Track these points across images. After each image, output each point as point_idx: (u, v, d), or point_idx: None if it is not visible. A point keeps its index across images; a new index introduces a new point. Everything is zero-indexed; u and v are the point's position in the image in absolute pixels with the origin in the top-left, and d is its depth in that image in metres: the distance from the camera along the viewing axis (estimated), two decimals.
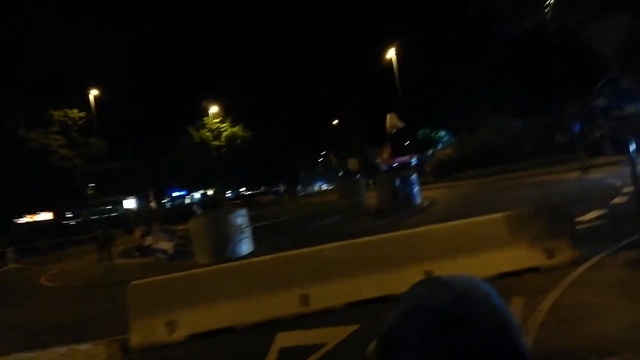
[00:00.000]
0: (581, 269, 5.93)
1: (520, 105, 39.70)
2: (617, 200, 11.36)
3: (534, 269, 6.18)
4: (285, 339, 5.44)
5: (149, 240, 15.36)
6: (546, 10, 9.03)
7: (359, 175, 32.46)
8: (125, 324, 6.09)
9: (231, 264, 7.58)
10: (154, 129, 49.53)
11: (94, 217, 40.03)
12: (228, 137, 48.76)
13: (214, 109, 48.12)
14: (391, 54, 32.81)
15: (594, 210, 10.15)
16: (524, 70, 38.32)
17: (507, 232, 6.51)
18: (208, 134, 48.25)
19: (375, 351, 0.69)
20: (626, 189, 12.27)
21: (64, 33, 46.63)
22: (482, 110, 42.29)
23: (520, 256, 6.30)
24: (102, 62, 49.92)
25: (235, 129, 49.12)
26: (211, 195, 58.86)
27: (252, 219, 14.50)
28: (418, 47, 44.27)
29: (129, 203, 52.26)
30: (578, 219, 8.37)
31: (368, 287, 6.16)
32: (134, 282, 6.42)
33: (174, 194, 61.55)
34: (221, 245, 12.12)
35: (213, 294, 6.23)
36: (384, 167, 38.80)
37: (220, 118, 48.81)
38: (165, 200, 60.01)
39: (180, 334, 5.97)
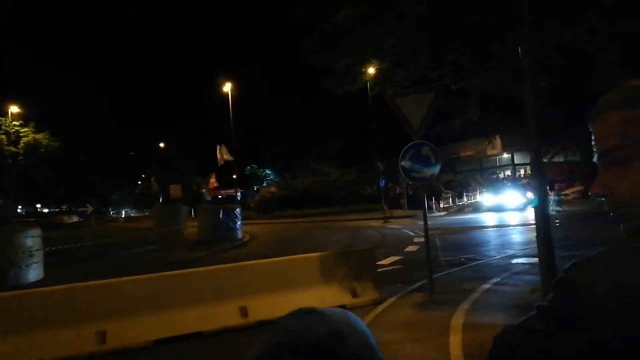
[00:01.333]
0: (380, 308, 6.58)
1: (339, 156, 43.80)
2: (410, 248, 13.10)
3: (341, 307, 6.61)
4: None
5: None
6: (369, 77, 10.26)
7: (179, 203, 31.11)
8: None
9: (11, 292, 6.37)
10: None
11: None
12: (29, 144, 42.13)
13: (14, 109, 41.33)
14: (227, 87, 33.05)
15: (392, 256, 11.51)
16: (346, 126, 42.60)
17: (319, 271, 6.90)
18: (2, 136, 40.99)
19: None
20: (417, 239, 14.30)
21: None
22: (307, 156, 45.31)
23: (329, 295, 6.72)
24: None
25: (39, 135, 42.80)
26: None
27: (47, 241, 12.58)
28: (255, 88, 45.75)
29: None
30: (379, 263, 9.35)
31: (178, 323, 5.79)
32: None
33: None
34: (2, 269, 10.15)
35: None
36: (208, 198, 38.08)
37: (21, 121, 42.07)
38: None
39: None
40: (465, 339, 5.04)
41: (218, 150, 32.04)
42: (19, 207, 52.67)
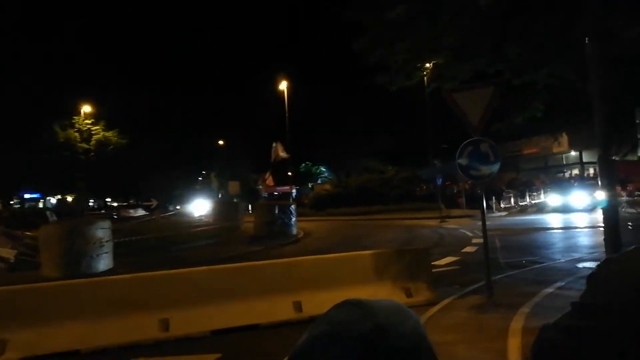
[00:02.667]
0: (434, 309, 6.46)
1: (393, 153, 43.30)
2: (467, 249, 12.73)
3: None
4: None
5: None
6: (424, 72, 10.03)
7: (238, 199, 32.07)
8: None
9: (84, 280, 6.86)
10: (5, 118, 43.33)
11: None
12: (99, 141, 44.92)
13: (86, 109, 44.16)
14: (283, 86, 33.56)
15: (449, 257, 11.24)
16: (400, 122, 42.03)
17: (373, 269, 6.88)
18: (76, 134, 43.97)
19: None
20: (475, 240, 13.87)
21: None
22: (360, 154, 45.16)
23: (382, 293, 6.67)
24: None
25: (108, 133, 45.51)
26: (70, 202, 53.24)
27: (115, 233, 13.37)
28: (311, 84, 46.19)
29: None
30: (435, 263, 9.17)
31: (234, 314, 5.99)
32: None
33: (26, 196, 54.43)
34: (75, 258, 10.91)
35: (58, 313, 5.53)
36: (265, 194, 38.93)
37: (92, 120, 44.91)
38: (13, 202, 52.83)
39: (11, 355, 5.15)
40: (525, 343, 4.84)
41: (274, 148, 32.62)
42: (91, 200, 56.35)
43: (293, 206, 20.25)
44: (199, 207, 44.09)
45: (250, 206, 32.39)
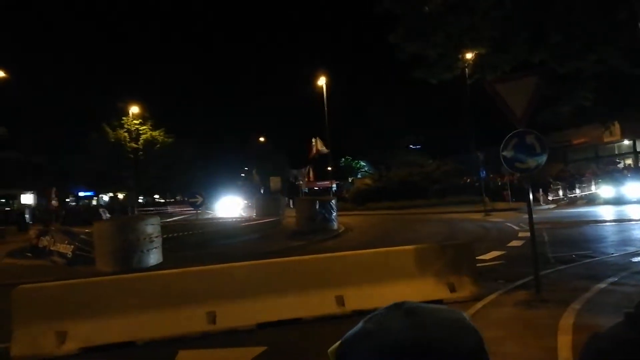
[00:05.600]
0: (479, 304, 6.35)
1: (433, 146, 42.56)
2: (513, 243, 12.39)
3: (438, 302, 6.50)
4: (187, 358, 5.22)
5: (45, 241, 14.08)
6: (465, 64, 9.80)
7: (279, 195, 32.46)
8: (6, 332, 5.49)
9: (136, 274, 7.17)
10: (62, 120, 45.74)
11: None
12: (147, 141, 46.61)
13: (134, 110, 45.87)
14: (322, 81, 33.59)
15: (494, 251, 10.98)
16: (440, 114, 41.22)
17: (415, 264, 6.83)
18: (125, 134, 45.80)
19: (334, 354, 0.63)
20: (522, 234, 13.47)
21: None
22: (401, 147, 44.62)
23: (425, 288, 6.62)
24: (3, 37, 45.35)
25: (155, 132, 47.14)
26: (121, 199, 55.54)
27: (164, 229, 13.87)
28: (348, 80, 46.00)
29: (27, 198, 47.64)
30: (479, 257, 8.99)
31: (279, 308, 6.11)
32: (22, 286, 5.84)
33: (80, 194, 57.23)
34: (127, 253, 11.42)
35: (113, 305, 5.83)
36: (305, 189, 39.22)
37: (140, 120, 46.61)
38: (69, 200, 55.64)
39: (71, 346, 5.49)
40: (576, 341, 4.68)
41: (314, 143, 32.78)
42: (140, 197, 58.50)
43: (333, 201, 20.32)
44: (229, 206, 39.52)
45: (291, 201, 32.69)
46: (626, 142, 34.42)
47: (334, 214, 19.65)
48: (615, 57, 6.84)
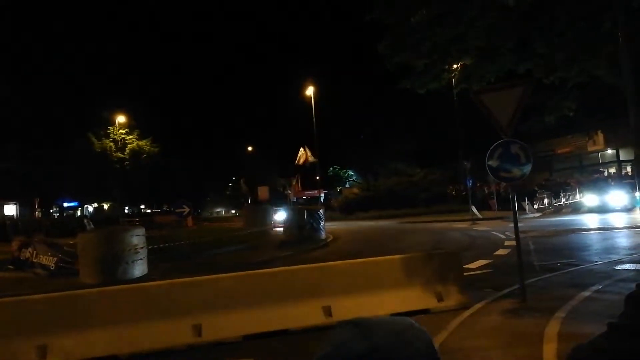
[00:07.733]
0: (466, 313, 6.36)
1: (420, 155, 42.87)
2: (500, 251, 12.47)
3: (425, 311, 6.51)
4: None
5: (27, 253, 13.80)
6: (452, 74, 9.93)
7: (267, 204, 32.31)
8: None
9: (120, 286, 7.06)
10: (45, 129, 44.99)
11: None
12: (133, 150, 46.20)
13: (120, 119, 45.49)
14: (310, 91, 33.72)
15: (480, 260, 11.03)
16: (427, 124, 41.58)
17: (403, 273, 6.82)
18: (111, 144, 45.35)
19: None
20: (508, 242, 13.57)
21: None
22: (389, 157, 44.87)
23: (413, 298, 6.62)
24: None
25: (142, 142, 46.76)
26: (106, 210, 54.86)
27: (149, 240, 13.70)
28: (335, 90, 46.36)
29: (9, 209, 46.74)
30: (466, 266, 9.02)
31: (265, 320, 6.05)
32: (1, 300, 5.71)
33: (64, 204, 56.37)
34: (112, 265, 11.24)
35: (96, 318, 5.71)
36: (294, 199, 39.16)
37: (126, 130, 46.22)
38: (53, 210, 54.78)
39: None
40: (561, 349, 4.71)
41: (301, 152, 32.81)
42: (125, 207, 57.84)
43: (321, 210, 20.29)
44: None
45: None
46: (610, 151, 35.07)
47: (322, 223, 19.61)
48: (599, 68, 6.98)
